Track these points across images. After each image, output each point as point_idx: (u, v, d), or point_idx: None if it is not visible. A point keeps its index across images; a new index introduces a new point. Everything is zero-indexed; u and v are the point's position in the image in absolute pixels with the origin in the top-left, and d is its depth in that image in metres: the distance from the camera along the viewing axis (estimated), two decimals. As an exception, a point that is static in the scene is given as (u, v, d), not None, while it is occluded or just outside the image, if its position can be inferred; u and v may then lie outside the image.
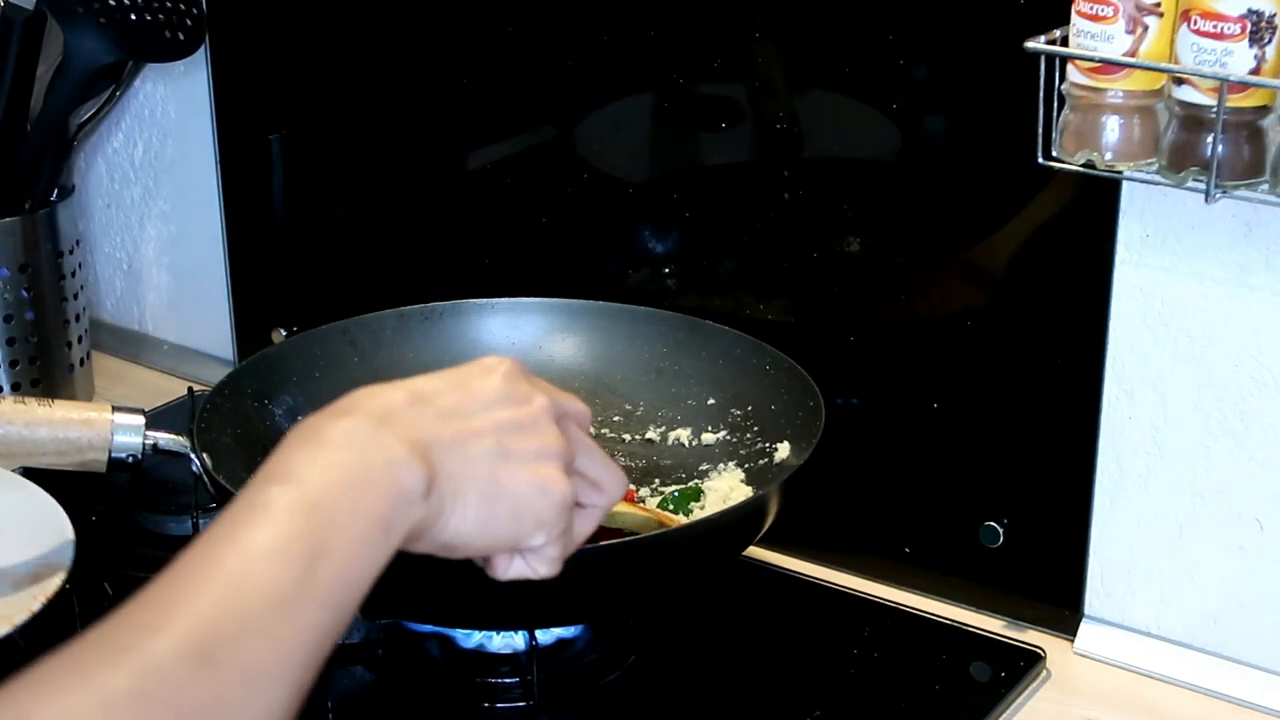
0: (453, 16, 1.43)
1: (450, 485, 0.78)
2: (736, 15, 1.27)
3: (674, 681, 1.20)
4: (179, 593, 0.67)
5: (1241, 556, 1.16)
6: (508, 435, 0.82)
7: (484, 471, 0.81)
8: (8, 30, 1.42)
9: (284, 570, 0.69)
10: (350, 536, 0.72)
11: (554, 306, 1.38)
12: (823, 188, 1.27)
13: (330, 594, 0.70)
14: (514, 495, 0.82)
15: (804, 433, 1.21)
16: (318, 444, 0.75)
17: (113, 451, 1.18)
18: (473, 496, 0.80)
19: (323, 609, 0.69)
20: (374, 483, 0.74)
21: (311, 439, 0.76)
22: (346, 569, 0.71)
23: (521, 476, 0.82)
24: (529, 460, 0.83)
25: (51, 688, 0.61)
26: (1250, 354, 1.12)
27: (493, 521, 0.81)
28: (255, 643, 0.65)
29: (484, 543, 0.83)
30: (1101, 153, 1.04)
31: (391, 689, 1.19)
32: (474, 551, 0.84)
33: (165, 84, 1.63)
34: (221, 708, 0.63)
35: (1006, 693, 1.18)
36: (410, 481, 0.76)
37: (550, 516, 0.84)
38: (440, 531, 0.79)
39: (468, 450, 0.80)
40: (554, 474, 0.84)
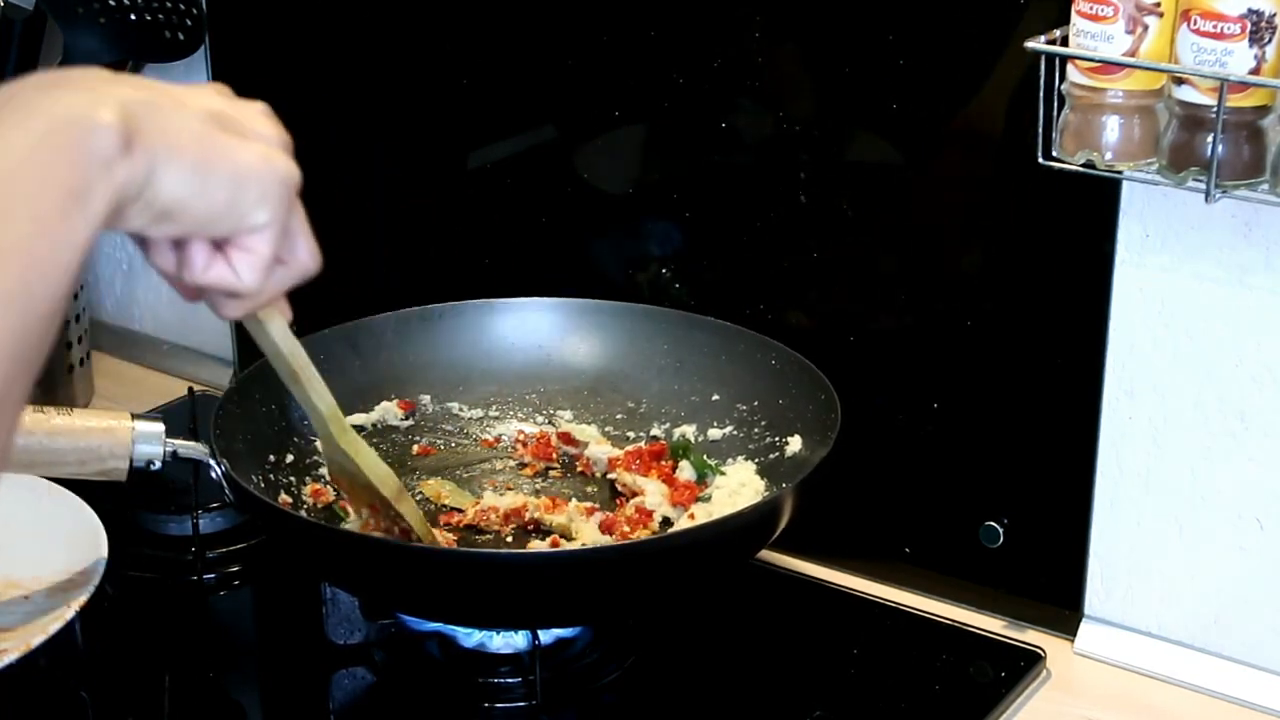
0: (453, 16, 1.43)
1: (158, 140, 0.71)
2: (736, 15, 1.27)
3: (674, 682, 1.20)
4: None
5: (1241, 556, 1.16)
6: (223, 115, 0.76)
7: (199, 130, 0.74)
8: (8, 30, 1.42)
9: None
10: (32, 214, 0.64)
11: (554, 306, 1.38)
12: (822, 188, 1.27)
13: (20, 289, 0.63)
14: (235, 160, 0.75)
15: (817, 426, 1.21)
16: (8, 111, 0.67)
17: (134, 460, 1.18)
18: (187, 153, 0.73)
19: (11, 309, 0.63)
20: (59, 144, 0.66)
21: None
22: (34, 255, 0.64)
23: (243, 145, 0.76)
24: (250, 136, 0.77)
25: None
26: (1250, 354, 1.12)
27: (210, 183, 0.74)
28: None
29: (200, 210, 0.75)
30: (1101, 153, 1.04)
31: (392, 689, 1.19)
32: (190, 222, 0.75)
33: (165, 84, 1.63)
34: None
35: (1006, 693, 1.18)
36: (105, 143, 0.67)
37: (275, 192, 0.77)
38: (153, 194, 0.71)
39: (180, 113, 0.73)
40: (279, 154, 0.78)
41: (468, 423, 1.37)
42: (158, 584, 1.33)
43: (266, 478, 1.23)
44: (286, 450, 1.27)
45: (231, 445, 1.19)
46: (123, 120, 0.68)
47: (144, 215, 0.73)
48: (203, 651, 1.27)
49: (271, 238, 0.79)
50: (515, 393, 1.38)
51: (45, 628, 1.11)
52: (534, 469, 1.33)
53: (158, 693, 1.21)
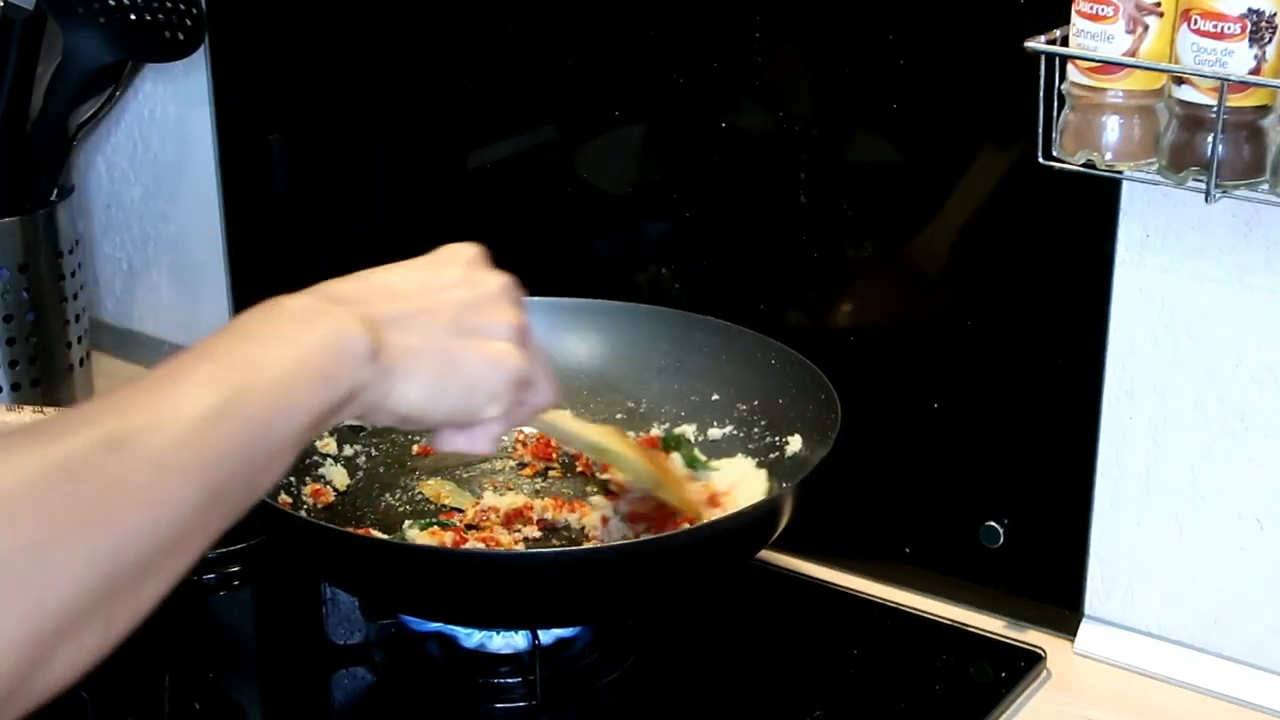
0: (453, 16, 1.43)
1: (401, 355, 0.81)
2: (736, 15, 1.27)
3: (674, 682, 1.20)
4: (110, 406, 0.69)
5: (1241, 556, 1.16)
6: (464, 313, 0.86)
7: (437, 344, 0.84)
8: (8, 30, 1.42)
9: (208, 389, 0.71)
10: (283, 366, 0.74)
11: (554, 306, 1.38)
12: (823, 188, 1.27)
13: (256, 413, 0.71)
14: (467, 370, 0.85)
15: (817, 425, 1.21)
16: (267, 312, 0.78)
17: None
18: (425, 367, 0.83)
19: (245, 425, 0.70)
20: (314, 330, 0.77)
21: (264, 309, 0.79)
22: (275, 394, 0.72)
23: (476, 350, 0.86)
24: (484, 335, 0.87)
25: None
26: (1250, 354, 1.12)
27: (446, 393, 0.85)
28: (166, 437, 0.67)
29: (439, 414, 0.86)
30: (1101, 153, 1.04)
31: (392, 689, 1.19)
32: (430, 423, 0.87)
33: (165, 84, 1.63)
34: (125, 485, 0.65)
35: (1007, 693, 1.18)
36: (353, 342, 0.78)
37: (503, 390, 0.87)
38: (394, 400, 0.82)
39: (420, 325, 0.83)
40: (508, 349, 0.88)
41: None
42: (158, 584, 1.32)
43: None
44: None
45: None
46: (371, 334, 0.79)
47: (384, 418, 0.83)
48: (203, 651, 1.27)
49: (496, 430, 0.90)
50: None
51: None
52: (534, 469, 1.33)
53: (158, 693, 1.21)
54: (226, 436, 0.69)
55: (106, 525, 0.63)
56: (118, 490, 0.64)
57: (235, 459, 0.70)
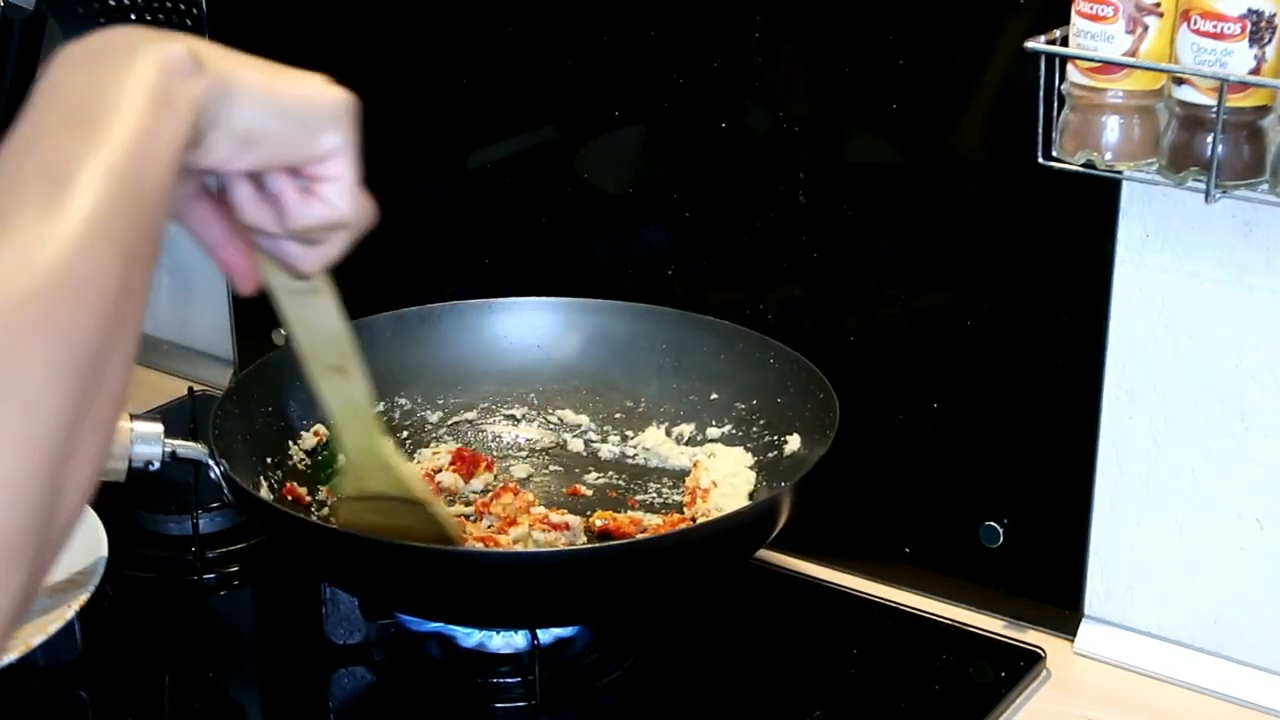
0: (453, 16, 1.43)
1: (226, 69, 0.77)
2: (736, 15, 1.27)
3: (674, 681, 1.20)
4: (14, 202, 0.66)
5: (1241, 556, 1.16)
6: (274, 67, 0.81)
7: (259, 68, 0.79)
8: (8, 30, 1.41)
9: (69, 150, 0.68)
10: (129, 109, 0.71)
11: (554, 305, 1.38)
12: (822, 188, 1.27)
13: (128, 165, 0.68)
14: (297, 90, 0.81)
15: (815, 424, 1.21)
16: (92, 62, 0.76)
17: (132, 460, 1.18)
18: (254, 83, 0.78)
19: (123, 180, 0.68)
20: (135, 57, 0.74)
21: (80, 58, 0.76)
22: (136, 139, 0.69)
23: (300, 79, 0.81)
24: (303, 75, 0.82)
25: None
26: (1250, 354, 1.12)
27: (282, 110, 0.80)
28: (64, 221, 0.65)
29: (279, 134, 0.80)
30: (1101, 153, 1.04)
31: (392, 689, 1.19)
32: (272, 147, 0.81)
33: (165, 84, 1.63)
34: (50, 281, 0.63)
35: (1006, 693, 1.18)
36: (176, 58, 0.74)
37: (341, 113, 0.82)
38: (230, 116, 0.77)
39: (237, 55, 0.79)
40: (333, 85, 0.83)
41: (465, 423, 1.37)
42: (158, 584, 1.33)
43: (266, 478, 1.23)
44: (286, 450, 1.27)
45: (231, 445, 1.19)
46: (190, 50, 0.74)
47: (225, 139, 0.77)
48: (203, 651, 1.27)
49: (351, 159, 0.83)
50: (514, 392, 1.38)
51: (45, 628, 1.11)
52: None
53: (158, 693, 1.21)
54: (114, 199, 0.67)
55: (60, 327, 0.62)
56: (56, 291, 0.63)
57: (129, 216, 0.67)
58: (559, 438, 1.36)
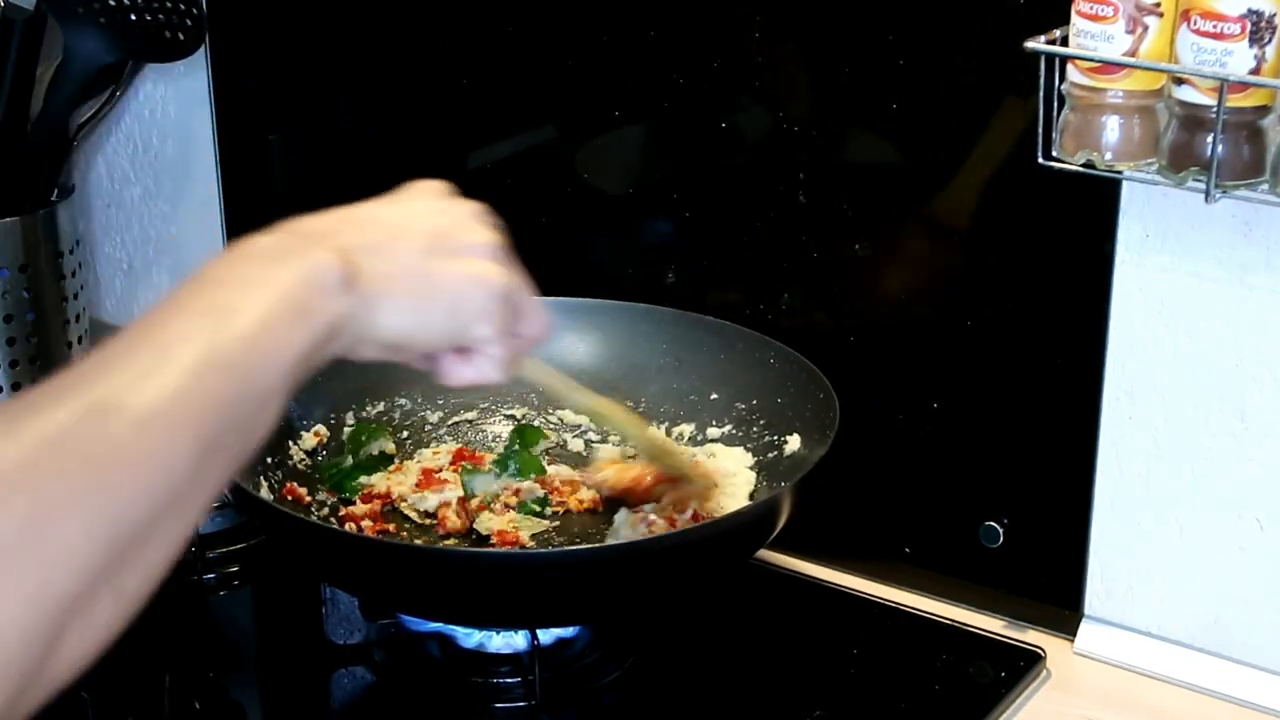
0: (453, 16, 1.43)
1: (376, 280, 0.79)
2: (736, 15, 1.27)
3: (674, 681, 1.20)
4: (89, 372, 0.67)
5: (1241, 556, 1.16)
6: (438, 237, 0.84)
7: (413, 267, 0.82)
8: (8, 30, 1.41)
9: (185, 342, 0.69)
10: (259, 308, 0.72)
11: (553, 305, 1.36)
12: (822, 187, 1.27)
13: (238, 359, 0.70)
14: (448, 288, 0.84)
15: (815, 424, 1.21)
16: (235, 256, 0.76)
17: None
18: (403, 290, 0.81)
19: (227, 373, 0.69)
20: (286, 267, 0.75)
21: (232, 253, 0.76)
22: (255, 337, 0.71)
23: (454, 269, 0.84)
24: (460, 255, 0.85)
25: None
26: (1250, 354, 1.12)
27: (429, 314, 0.83)
28: (149, 397, 0.65)
29: (425, 338, 0.84)
30: (1101, 153, 1.04)
31: (392, 689, 1.19)
32: (419, 347, 0.85)
33: (165, 84, 1.63)
34: (114, 451, 0.63)
35: (1006, 693, 1.18)
36: (327, 273, 0.76)
37: (489, 306, 0.86)
38: (377, 328, 0.80)
39: (395, 250, 0.81)
40: (488, 265, 0.86)
41: (465, 423, 1.37)
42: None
43: (266, 478, 1.23)
44: (286, 450, 1.27)
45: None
46: (343, 263, 0.77)
47: (372, 348, 0.82)
48: (203, 651, 1.27)
49: (498, 343, 0.88)
50: (514, 392, 1.38)
51: None
52: None
53: (158, 693, 1.21)
54: (210, 388, 0.68)
55: (100, 494, 0.62)
56: (107, 457, 0.63)
57: (222, 409, 0.68)
58: (559, 438, 1.36)
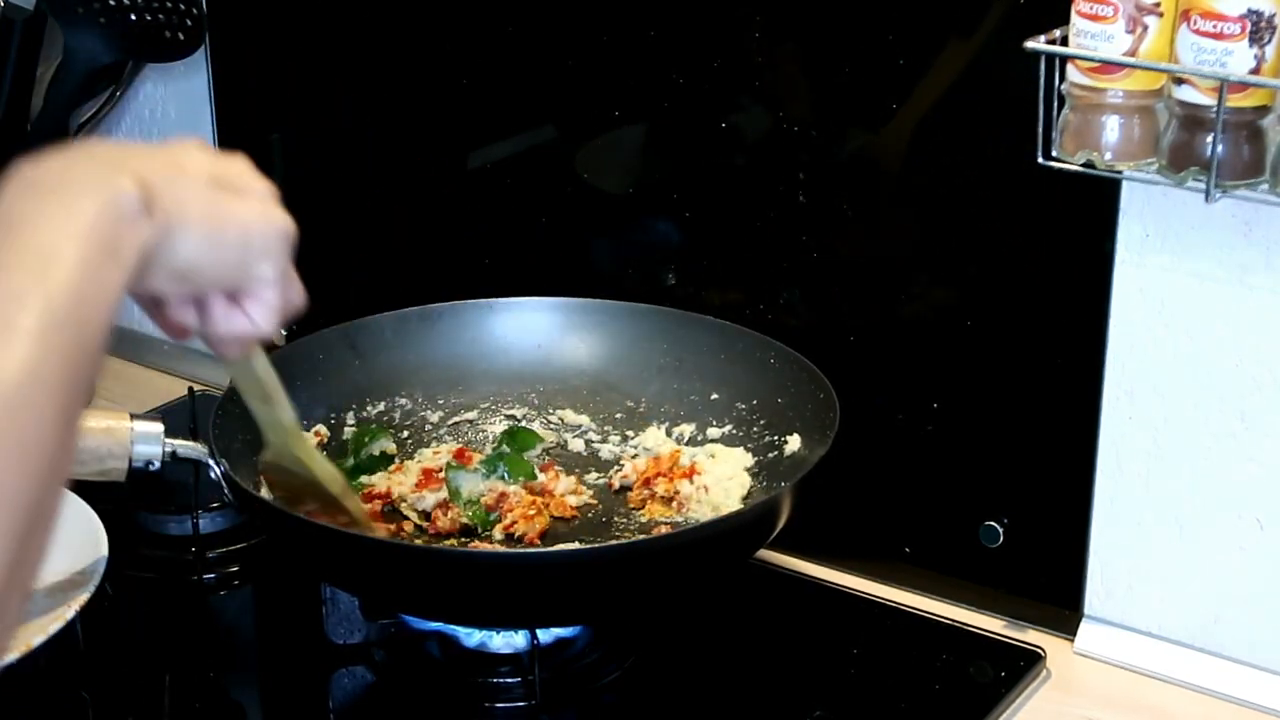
0: (453, 16, 1.43)
1: (173, 206, 0.78)
2: (736, 15, 1.27)
3: (674, 681, 1.20)
4: None
5: (1241, 556, 1.16)
6: (218, 176, 0.84)
7: (205, 198, 0.82)
8: (8, 30, 1.41)
9: (15, 290, 0.68)
10: (75, 252, 0.71)
11: (554, 305, 1.38)
12: (822, 188, 1.27)
13: (72, 314, 0.69)
14: (239, 221, 0.84)
15: (816, 425, 1.21)
16: (29, 188, 0.75)
17: (133, 460, 1.18)
18: (198, 218, 0.81)
19: (66, 330, 0.69)
20: (86, 193, 0.74)
21: (22, 185, 0.75)
22: (79, 287, 0.70)
23: (243, 205, 0.84)
24: (247, 195, 0.85)
25: None
26: (1250, 354, 1.12)
27: (222, 245, 0.83)
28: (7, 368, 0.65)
29: (215, 269, 0.84)
30: (1101, 153, 1.04)
31: (392, 689, 1.19)
32: (205, 280, 0.84)
33: (165, 84, 1.63)
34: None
35: (1006, 693, 1.18)
36: (127, 200, 0.75)
37: (275, 245, 0.86)
38: (171, 255, 0.79)
39: (182, 182, 0.81)
40: (276, 209, 0.87)
41: (466, 423, 1.37)
42: (158, 584, 1.33)
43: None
44: (286, 450, 1.27)
45: (231, 445, 1.19)
46: (141, 188, 0.76)
47: (163, 276, 0.80)
48: (203, 651, 1.27)
49: (279, 286, 0.87)
50: (515, 392, 1.38)
51: (45, 628, 1.11)
52: None
53: (158, 693, 1.21)
54: (57, 351, 0.68)
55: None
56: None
57: (71, 369, 0.68)
58: (560, 438, 1.36)
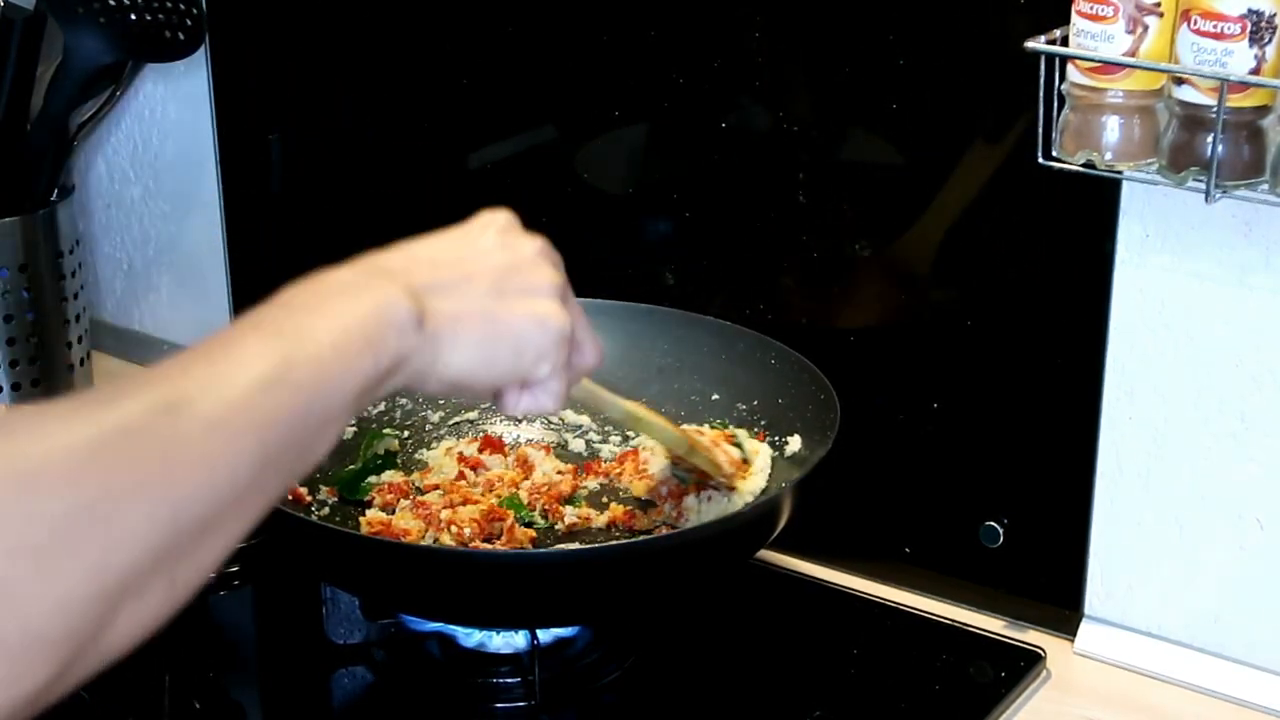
0: (453, 16, 1.43)
1: (445, 321, 0.82)
2: (736, 15, 1.27)
3: (674, 681, 1.20)
4: (164, 374, 0.71)
5: (1241, 556, 1.16)
6: (504, 276, 0.88)
7: (480, 308, 0.85)
8: (8, 30, 1.41)
9: (259, 357, 0.72)
10: (331, 335, 0.75)
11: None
12: (822, 188, 1.27)
13: (306, 379, 0.73)
14: (513, 330, 0.87)
15: (816, 425, 1.21)
16: (313, 285, 0.78)
17: None
18: (470, 332, 0.84)
19: (296, 391, 0.72)
20: (360, 300, 0.78)
21: (310, 283, 0.79)
22: (324, 361, 0.74)
23: (519, 311, 0.88)
24: (525, 296, 0.88)
25: (45, 425, 0.65)
26: (1250, 354, 1.12)
27: (494, 356, 0.86)
28: (221, 402, 0.69)
29: (488, 378, 0.87)
30: (1101, 153, 1.04)
31: (392, 689, 1.19)
32: (481, 387, 0.88)
33: (165, 84, 1.63)
34: (182, 447, 0.67)
35: (1006, 693, 1.18)
36: (398, 311, 0.79)
37: (550, 348, 0.89)
38: (443, 367, 0.83)
39: (463, 291, 0.85)
40: (551, 307, 0.90)
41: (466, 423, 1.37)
42: (158, 584, 1.32)
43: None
44: (286, 450, 1.27)
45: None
46: (414, 301, 0.80)
47: (437, 386, 0.85)
48: (203, 651, 1.27)
49: (557, 378, 0.91)
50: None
51: None
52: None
53: (158, 693, 1.21)
54: (278, 402, 0.71)
55: (166, 485, 0.65)
56: (175, 452, 0.66)
57: (287, 424, 0.71)
58: (560, 438, 1.36)
